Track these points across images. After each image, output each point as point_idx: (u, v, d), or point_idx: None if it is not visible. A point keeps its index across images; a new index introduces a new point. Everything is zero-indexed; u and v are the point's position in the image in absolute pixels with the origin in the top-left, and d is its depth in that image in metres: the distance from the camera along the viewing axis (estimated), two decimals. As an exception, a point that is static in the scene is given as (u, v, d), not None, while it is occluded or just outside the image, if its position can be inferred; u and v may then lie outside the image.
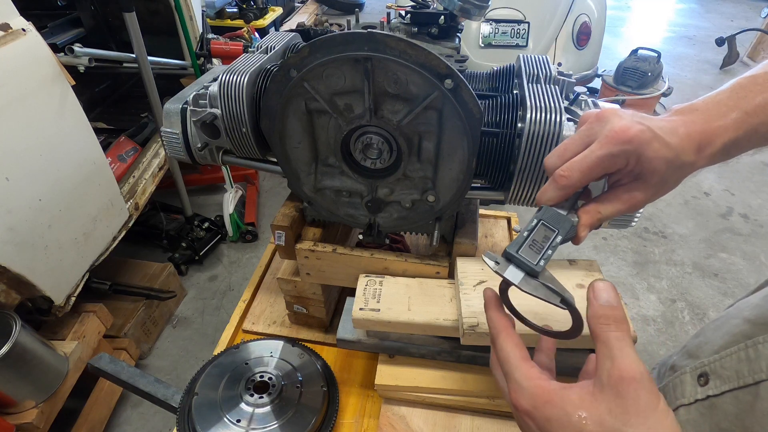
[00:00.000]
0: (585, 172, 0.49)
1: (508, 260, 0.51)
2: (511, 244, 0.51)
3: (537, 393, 0.44)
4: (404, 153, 0.74)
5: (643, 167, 0.50)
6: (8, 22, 1.24)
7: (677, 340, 2.01)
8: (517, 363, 0.47)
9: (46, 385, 1.35)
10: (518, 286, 0.49)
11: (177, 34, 2.16)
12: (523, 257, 0.50)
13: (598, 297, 0.44)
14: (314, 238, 0.92)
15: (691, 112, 0.51)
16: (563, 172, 0.50)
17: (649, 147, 0.48)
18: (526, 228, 0.52)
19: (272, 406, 0.82)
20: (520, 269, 0.50)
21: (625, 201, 0.52)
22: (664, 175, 0.50)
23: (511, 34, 2.88)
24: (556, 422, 0.41)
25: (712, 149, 0.50)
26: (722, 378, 0.63)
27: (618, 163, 0.49)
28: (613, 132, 0.48)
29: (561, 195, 0.51)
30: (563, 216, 0.52)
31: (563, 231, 0.51)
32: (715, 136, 0.50)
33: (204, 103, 0.84)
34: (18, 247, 1.23)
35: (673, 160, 0.49)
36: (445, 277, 0.88)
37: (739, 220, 2.71)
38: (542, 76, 0.80)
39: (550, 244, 0.50)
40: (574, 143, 0.51)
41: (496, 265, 0.51)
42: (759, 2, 6.69)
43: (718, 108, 0.51)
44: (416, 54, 0.64)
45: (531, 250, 0.50)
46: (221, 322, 2.08)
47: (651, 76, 3.21)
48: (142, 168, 1.97)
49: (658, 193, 0.53)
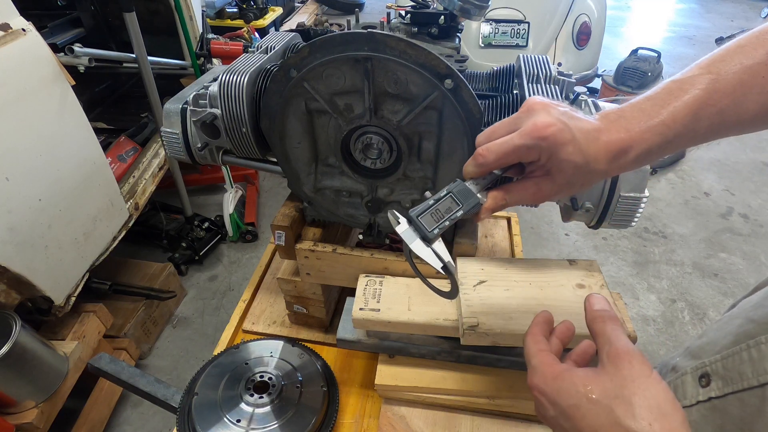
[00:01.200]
0: (500, 155, 0.52)
1: (409, 222, 0.55)
2: (416, 207, 0.55)
3: (547, 371, 0.50)
4: (404, 153, 0.74)
5: (553, 165, 0.52)
6: (8, 22, 1.24)
7: (677, 340, 2.01)
8: (535, 352, 0.53)
9: (46, 385, 1.35)
10: (411, 247, 0.54)
11: (177, 34, 2.16)
12: (422, 223, 0.54)
13: (594, 304, 0.52)
14: (314, 238, 0.92)
15: (617, 119, 0.52)
16: (482, 151, 0.53)
17: (563, 149, 0.50)
18: (434, 197, 0.55)
19: (272, 406, 0.82)
20: (416, 232, 0.54)
21: (530, 193, 0.55)
22: (570, 178, 0.53)
23: (511, 34, 2.89)
24: (565, 392, 0.47)
25: (626, 159, 0.51)
26: (724, 379, 0.62)
27: (531, 155, 0.52)
28: (533, 126, 0.50)
29: (476, 172, 0.55)
30: (472, 193, 0.55)
31: (467, 207, 0.55)
32: (631, 147, 0.51)
33: (204, 103, 0.84)
34: (18, 247, 1.23)
35: (582, 167, 0.51)
36: (445, 277, 0.88)
37: (739, 220, 2.71)
38: (542, 76, 0.80)
39: (450, 216, 0.54)
40: (502, 127, 0.54)
41: (397, 224, 0.55)
42: (759, 2, 6.69)
43: (639, 116, 0.51)
44: (416, 54, 0.64)
45: (431, 218, 0.54)
46: (221, 322, 2.07)
47: (651, 76, 3.21)
48: (142, 168, 1.97)
49: (564, 191, 0.55)
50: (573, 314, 0.75)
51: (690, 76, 0.52)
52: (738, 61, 0.50)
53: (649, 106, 0.51)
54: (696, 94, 0.50)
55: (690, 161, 3.18)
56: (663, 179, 3.03)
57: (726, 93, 0.49)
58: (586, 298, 0.54)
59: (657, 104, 0.51)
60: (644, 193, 0.75)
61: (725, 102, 0.49)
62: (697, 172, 3.10)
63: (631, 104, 0.53)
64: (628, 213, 0.77)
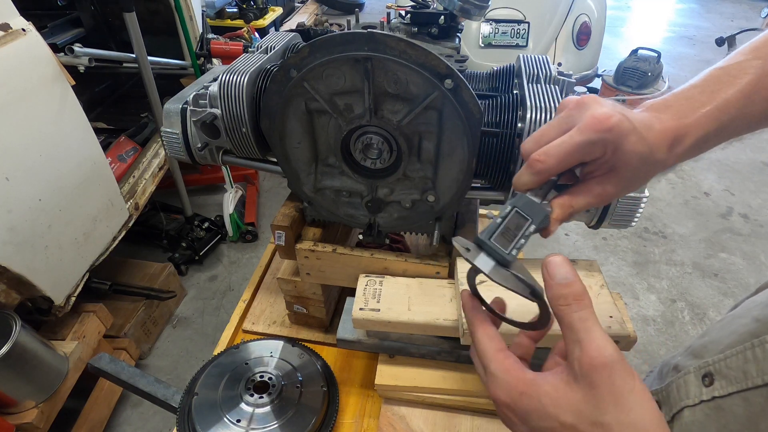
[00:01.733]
0: (561, 158, 0.47)
1: (479, 247, 0.48)
2: (483, 230, 0.49)
3: (512, 384, 0.43)
4: (404, 153, 0.74)
5: (618, 159, 0.48)
6: (8, 22, 1.24)
7: (677, 340, 2.01)
8: (492, 355, 0.46)
9: (46, 385, 1.35)
10: (488, 275, 0.47)
11: (177, 34, 2.16)
12: (495, 245, 0.47)
13: (554, 275, 0.43)
14: (314, 238, 0.92)
15: (665, 109, 0.50)
16: (538, 157, 0.48)
17: (627, 139, 0.47)
18: (501, 215, 0.49)
19: (272, 406, 0.82)
20: (491, 257, 0.47)
21: (596, 194, 0.51)
22: (636, 171, 0.49)
23: (511, 34, 2.88)
24: (534, 413, 0.41)
25: (683, 147, 0.50)
26: (728, 378, 0.61)
27: (595, 151, 0.48)
28: (594, 119, 0.46)
29: (535, 180, 0.49)
30: (537, 204, 0.49)
31: (537, 220, 0.48)
32: (686, 134, 0.49)
33: (204, 103, 0.84)
34: (18, 247, 1.23)
35: (647, 157, 0.48)
36: (445, 277, 0.88)
37: (739, 220, 2.71)
38: (542, 76, 0.80)
39: (523, 233, 0.48)
40: (552, 129, 0.50)
41: (467, 252, 0.48)
42: (759, 2, 6.69)
43: (689, 104, 0.50)
44: (416, 54, 0.64)
45: (503, 238, 0.48)
46: (221, 322, 2.07)
47: (651, 76, 3.21)
48: (142, 168, 1.97)
49: (627, 188, 0.52)
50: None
51: (736, 62, 0.51)
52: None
53: (697, 93, 0.50)
54: (747, 79, 0.49)
55: (690, 161, 3.18)
56: (663, 179, 3.03)
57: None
58: (544, 263, 0.44)
59: (706, 91, 0.50)
60: (644, 193, 0.75)
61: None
62: (697, 172, 3.10)
63: (675, 95, 0.51)
64: (628, 213, 0.77)
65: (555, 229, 0.51)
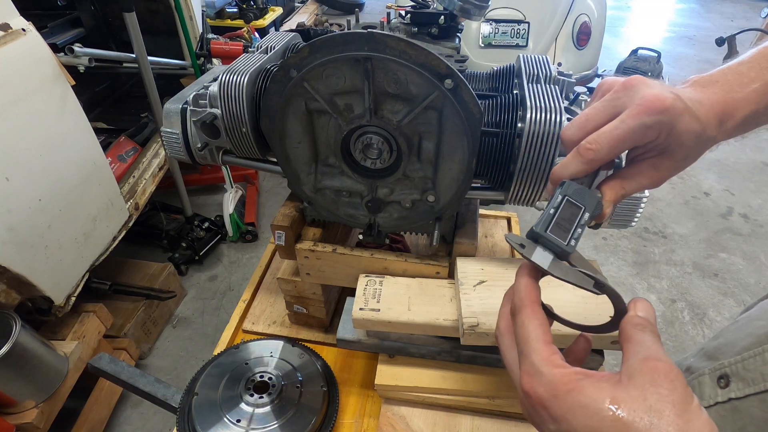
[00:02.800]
0: (614, 144, 0.45)
1: (534, 241, 0.45)
2: (537, 222, 0.45)
3: (558, 380, 0.38)
4: (404, 153, 0.74)
5: (672, 140, 0.46)
6: (8, 22, 1.24)
7: (677, 340, 2.01)
8: (538, 345, 0.41)
9: (46, 385, 1.35)
10: (548, 270, 0.43)
11: (177, 34, 2.16)
12: (552, 237, 0.44)
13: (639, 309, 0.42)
14: (314, 238, 0.92)
15: (711, 84, 0.48)
16: (590, 145, 0.45)
17: (681, 119, 0.45)
18: (552, 205, 0.46)
19: (272, 406, 0.82)
20: (548, 251, 0.44)
21: (650, 177, 0.49)
22: (690, 150, 0.47)
23: (511, 34, 2.88)
24: (581, 410, 0.36)
25: (733, 123, 0.48)
26: (745, 380, 0.61)
27: (650, 135, 0.45)
28: (647, 101, 0.44)
29: (586, 169, 0.47)
30: (588, 191, 0.47)
31: (590, 207, 0.46)
32: (736, 109, 0.47)
33: (204, 103, 0.84)
34: (18, 247, 1.23)
35: (701, 135, 0.46)
36: (445, 277, 0.88)
37: (739, 220, 2.71)
38: (542, 76, 0.80)
39: (579, 221, 0.45)
40: (598, 113, 0.47)
41: (522, 248, 0.44)
42: (759, 2, 6.69)
43: (739, 79, 0.48)
44: (416, 54, 0.64)
45: (559, 229, 0.44)
46: (221, 322, 2.08)
47: (651, 76, 3.21)
48: (142, 168, 1.97)
49: (679, 168, 0.49)
50: (573, 315, 0.75)
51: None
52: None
53: (746, 69, 0.49)
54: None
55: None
56: (663, 179, 3.03)
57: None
58: (632, 300, 0.43)
59: (755, 67, 0.48)
60: (644, 193, 0.75)
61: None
62: (697, 172, 3.10)
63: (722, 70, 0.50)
64: (628, 213, 0.77)
65: (610, 212, 0.48)
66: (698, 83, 0.49)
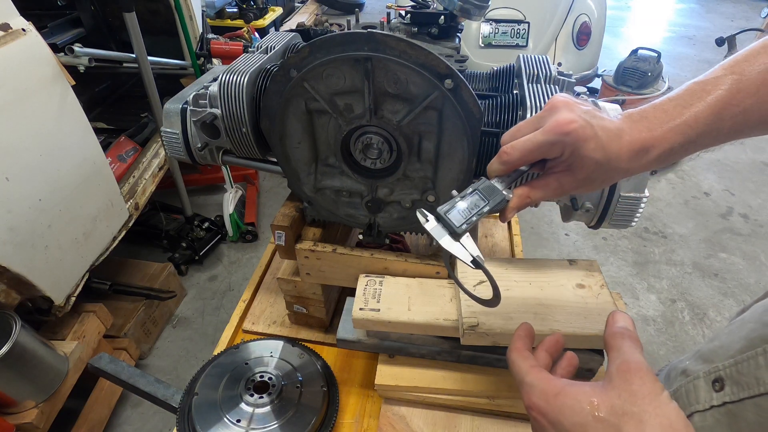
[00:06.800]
0: (524, 152, 0.53)
1: (437, 219, 0.56)
2: (443, 205, 0.56)
3: (547, 387, 0.47)
4: (404, 153, 0.74)
5: (575, 160, 0.53)
6: (8, 22, 1.24)
7: (677, 340, 2.01)
8: (527, 369, 0.50)
9: (46, 385, 1.35)
10: (439, 242, 0.54)
11: (177, 34, 2.16)
12: (450, 219, 0.55)
13: (617, 321, 0.49)
14: (314, 238, 0.92)
15: (640, 120, 0.53)
16: (506, 149, 0.54)
17: (585, 145, 0.51)
18: (460, 194, 0.57)
19: (272, 406, 0.82)
20: (445, 229, 0.55)
21: (552, 188, 0.56)
22: (591, 174, 0.53)
23: (511, 34, 2.89)
24: (568, 410, 0.43)
25: (648, 158, 0.52)
26: (740, 384, 0.61)
27: (554, 150, 0.53)
28: (556, 122, 0.51)
29: (501, 169, 0.56)
30: (497, 190, 0.56)
31: (493, 203, 0.56)
32: (652, 146, 0.51)
33: (204, 103, 0.84)
34: (18, 247, 1.23)
35: (604, 164, 0.52)
36: (445, 277, 0.88)
37: (739, 220, 2.71)
38: (542, 76, 0.80)
39: (477, 211, 0.55)
40: (527, 126, 0.55)
41: (426, 222, 0.56)
42: (759, 2, 6.68)
43: (662, 116, 0.52)
44: (416, 54, 0.64)
45: (459, 214, 0.55)
46: (221, 322, 2.07)
47: (651, 76, 3.20)
48: (142, 168, 1.97)
49: (584, 187, 0.56)
50: (573, 314, 0.75)
51: (713, 77, 0.52)
52: (762, 61, 0.50)
53: (672, 106, 0.52)
54: (719, 95, 0.50)
55: (690, 161, 3.18)
56: (663, 179, 3.03)
57: (750, 93, 0.50)
58: (610, 314, 0.51)
59: (680, 105, 0.52)
60: (644, 193, 0.75)
61: (749, 102, 0.50)
62: (697, 172, 3.10)
63: (654, 105, 0.54)
64: (628, 213, 0.77)
65: (511, 216, 0.58)
66: (630, 117, 0.54)
